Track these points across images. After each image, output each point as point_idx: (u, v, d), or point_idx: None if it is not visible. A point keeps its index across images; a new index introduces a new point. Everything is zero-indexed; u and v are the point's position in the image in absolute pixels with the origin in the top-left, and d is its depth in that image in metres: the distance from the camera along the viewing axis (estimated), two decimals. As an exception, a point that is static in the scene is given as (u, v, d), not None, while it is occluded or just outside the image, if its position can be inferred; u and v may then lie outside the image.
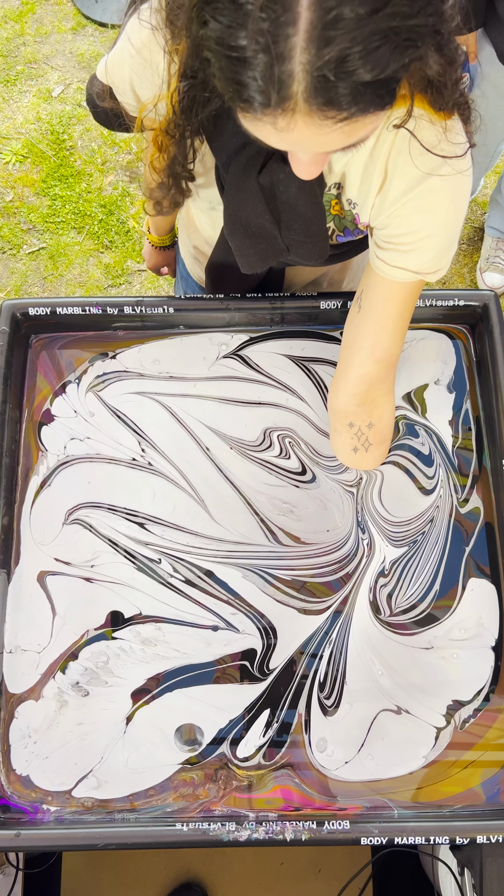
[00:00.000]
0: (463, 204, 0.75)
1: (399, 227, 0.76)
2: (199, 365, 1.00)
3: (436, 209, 0.74)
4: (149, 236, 1.24)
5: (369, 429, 0.92)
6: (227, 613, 0.89)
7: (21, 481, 0.95)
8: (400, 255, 0.78)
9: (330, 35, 0.45)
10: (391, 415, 0.93)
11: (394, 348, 0.86)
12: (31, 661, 0.87)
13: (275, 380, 1.00)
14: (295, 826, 0.79)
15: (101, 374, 1.00)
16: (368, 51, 0.46)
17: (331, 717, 0.86)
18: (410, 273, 0.78)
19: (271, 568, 0.92)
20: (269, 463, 0.96)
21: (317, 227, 0.80)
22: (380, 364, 0.87)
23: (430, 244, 0.76)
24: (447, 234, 0.77)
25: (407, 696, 0.87)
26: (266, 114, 0.51)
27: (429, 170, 0.71)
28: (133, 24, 0.73)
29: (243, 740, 0.85)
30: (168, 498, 0.94)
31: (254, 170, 0.76)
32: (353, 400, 0.90)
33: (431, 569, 0.92)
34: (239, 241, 0.85)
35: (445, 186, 0.72)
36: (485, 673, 0.88)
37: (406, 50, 0.48)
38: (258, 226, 0.81)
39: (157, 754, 0.85)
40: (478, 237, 2.24)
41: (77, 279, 2.14)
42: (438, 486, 0.95)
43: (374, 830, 0.79)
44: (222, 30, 0.48)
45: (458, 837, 0.79)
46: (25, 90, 2.38)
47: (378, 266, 0.80)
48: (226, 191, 0.81)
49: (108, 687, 0.87)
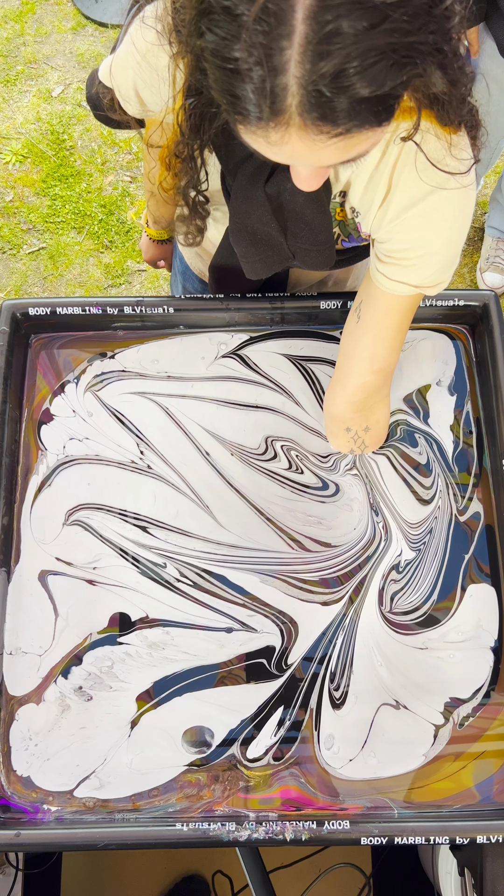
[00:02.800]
0: (466, 221, 0.74)
1: (400, 242, 0.75)
2: (198, 365, 1.00)
3: (438, 227, 0.73)
4: (147, 229, 1.24)
5: (366, 432, 0.94)
6: (244, 615, 0.89)
7: (21, 481, 0.95)
8: (400, 270, 0.77)
9: (325, 49, 0.45)
10: (387, 417, 0.94)
11: (391, 358, 0.87)
12: (31, 664, 0.87)
13: (272, 381, 1.00)
14: (295, 826, 0.79)
15: (100, 374, 1.00)
16: (365, 67, 0.45)
17: (338, 710, 0.86)
18: (410, 287, 0.78)
19: (297, 573, 0.92)
20: (281, 476, 0.96)
21: (323, 235, 0.80)
22: (378, 374, 0.88)
23: (432, 261, 0.76)
24: (449, 251, 0.76)
25: (405, 692, 0.87)
26: (260, 126, 0.50)
27: (434, 184, 0.70)
28: (137, 27, 0.72)
29: (254, 741, 0.85)
30: (170, 502, 0.94)
31: (261, 179, 0.75)
32: (351, 407, 0.91)
33: (433, 575, 0.92)
34: (244, 248, 0.85)
35: (449, 204, 0.71)
36: (483, 672, 0.88)
37: (404, 67, 0.48)
38: (264, 234, 0.81)
39: (162, 756, 0.84)
40: (478, 237, 2.24)
41: (77, 279, 2.14)
42: (437, 496, 0.95)
43: (374, 830, 0.79)
44: (218, 41, 0.48)
45: (458, 837, 0.79)
46: (25, 90, 2.38)
47: (378, 279, 0.80)
48: (232, 199, 0.80)
49: (112, 691, 0.86)
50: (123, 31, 0.75)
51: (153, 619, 0.89)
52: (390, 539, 0.93)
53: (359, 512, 0.95)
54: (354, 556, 0.92)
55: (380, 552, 0.92)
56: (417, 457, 0.97)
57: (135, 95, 0.79)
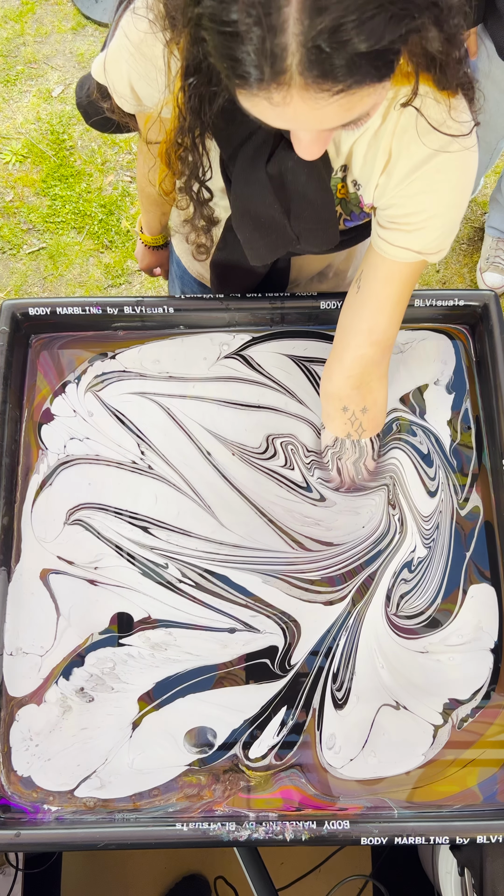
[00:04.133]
0: (469, 183, 0.75)
1: (403, 207, 0.75)
2: (200, 365, 1.00)
3: (441, 189, 0.73)
4: (142, 236, 1.23)
5: (363, 413, 0.91)
6: (247, 616, 0.89)
7: (21, 481, 0.95)
8: (403, 235, 0.77)
9: (323, 5, 0.45)
10: (384, 401, 0.92)
11: (391, 331, 0.85)
12: (32, 664, 0.87)
13: (275, 381, 1.00)
14: (295, 826, 0.79)
15: (101, 374, 1.00)
16: (363, 20, 0.46)
17: (340, 710, 0.86)
18: (413, 253, 0.77)
19: (301, 572, 0.91)
20: (281, 476, 0.96)
21: (327, 213, 0.80)
22: (376, 346, 0.86)
23: (435, 224, 0.76)
24: (452, 215, 0.76)
25: (405, 693, 0.87)
26: (261, 89, 0.51)
27: (436, 147, 0.70)
28: (128, 19, 0.72)
29: (257, 741, 0.85)
30: (171, 502, 0.94)
31: (261, 159, 0.75)
32: (348, 383, 0.89)
33: (439, 575, 0.92)
34: (248, 233, 0.84)
35: (451, 165, 0.72)
36: (483, 673, 0.88)
37: (402, 20, 0.48)
38: (267, 217, 0.80)
39: (164, 756, 0.84)
40: (478, 237, 2.24)
41: (77, 279, 2.14)
42: (440, 488, 0.95)
43: (374, 830, 0.79)
44: (215, 5, 0.48)
45: (458, 837, 0.79)
46: (25, 90, 2.38)
47: (380, 246, 0.79)
48: (233, 184, 0.80)
49: (114, 693, 0.86)
50: (113, 27, 0.75)
51: (155, 620, 0.89)
52: (405, 533, 0.93)
53: (372, 507, 0.94)
54: (361, 553, 0.92)
55: (393, 546, 0.92)
56: (420, 446, 0.97)
57: (129, 91, 0.78)
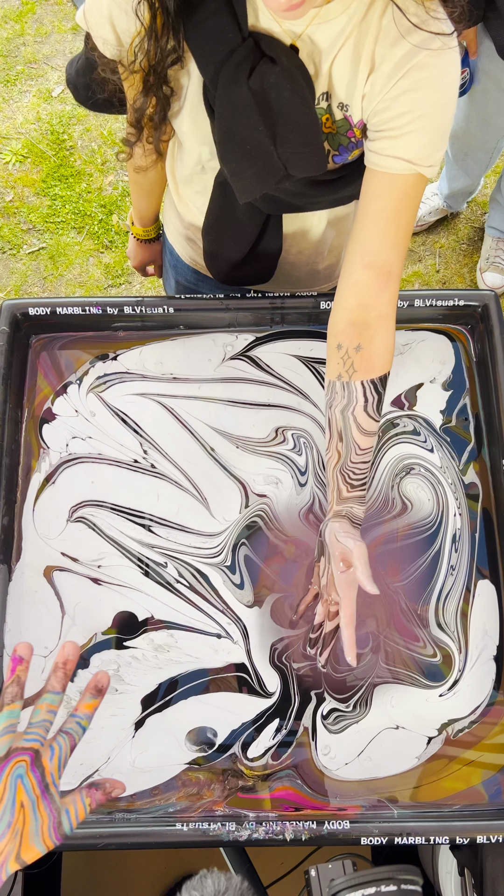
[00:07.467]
0: (452, 84, 0.76)
1: (390, 110, 0.77)
2: (205, 367, 1.00)
3: (425, 87, 0.75)
4: (133, 229, 1.21)
5: (356, 352, 0.83)
6: (225, 622, 0.89)
7: (21, 481, 0.95)
8: (391, 142, 0.77)
9: None
10: (384, 341, 0.83)
11: (385, 254, 0.80)
12: (35, 665, 0.86)
13: (286, 382, 0.99)
14: (295, 826, 0.79)
15: (103, 376, 1.00)
16: None
17: (335, 736, 0.85)
18: (403, 162, 0.77)
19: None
20: (287, 459, 0.95)
21: (313, 134, 0.80)
22: (369, 270, 0.81)
23: (422, 126, 0.76)
24: (438, 119, 0.77)
25: (404, 717, 0.86)
26: None
27: (417, 42, 0.72)
28: None
29: (255, 742, 0.85)
30: (173, 500, 0.94)
31: (243, 75, 0.76)
32: (343, 315, 0.84)
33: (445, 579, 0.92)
34: (235, 162, 0.83)
35: (434, 62, 0.73)
36: (486, 686, 0.87)
37: None
38: (254, 141, 0.80)
39: (165, 755, 0.84)
40: (478, 237, 2.24)
41: (77, 279, 2.14)
42: (442, 478, 0.95)
43: (374, 830, 0.79)
44: None
45: (458, 837, 0.79)
46: (25, 90, 2.38)
47: (371, 160, 0.80)
48: (217, 105, 0.79)
49: (118, 694, 0.86)
50: None
51: (159, 621, 0.89)
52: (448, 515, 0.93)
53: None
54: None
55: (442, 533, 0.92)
56: (422, 444, 0.97)
57: (110, 28, 0.79)
